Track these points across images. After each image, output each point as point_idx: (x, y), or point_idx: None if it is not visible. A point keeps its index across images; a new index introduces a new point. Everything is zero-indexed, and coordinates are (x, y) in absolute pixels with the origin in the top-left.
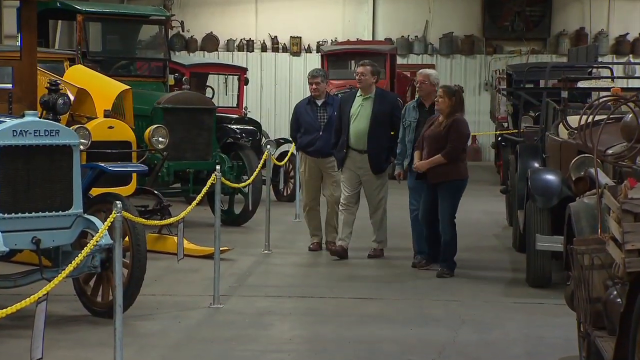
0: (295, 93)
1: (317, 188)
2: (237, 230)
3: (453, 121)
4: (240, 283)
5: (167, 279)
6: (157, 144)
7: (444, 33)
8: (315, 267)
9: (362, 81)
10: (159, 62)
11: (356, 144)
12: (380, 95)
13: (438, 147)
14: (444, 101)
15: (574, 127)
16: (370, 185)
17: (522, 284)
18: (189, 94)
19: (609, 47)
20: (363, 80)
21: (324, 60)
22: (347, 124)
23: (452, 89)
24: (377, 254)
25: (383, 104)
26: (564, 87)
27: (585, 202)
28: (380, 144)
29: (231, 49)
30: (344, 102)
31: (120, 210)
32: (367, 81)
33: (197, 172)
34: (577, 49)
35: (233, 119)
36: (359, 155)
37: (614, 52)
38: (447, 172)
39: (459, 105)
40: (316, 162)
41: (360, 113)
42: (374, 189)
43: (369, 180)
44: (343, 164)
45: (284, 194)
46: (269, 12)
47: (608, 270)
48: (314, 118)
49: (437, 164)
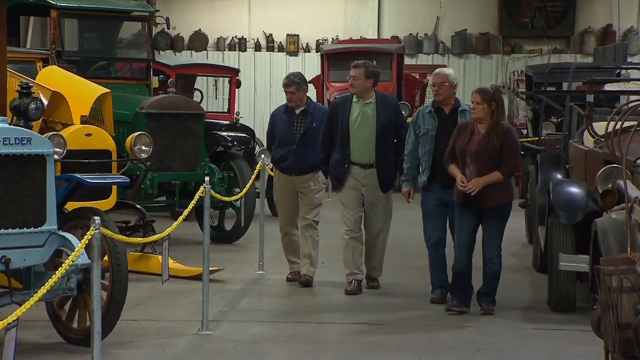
0: None
1: (292, 209)
2: (228, 248)
3: (505, 132)
4: (232, 307)
5: (150, 302)
6: (140, 153)
7: (456, 30)
8: (315, 289)
9: (356, 86)
10: (142, 62)
11: (360, 158)
12: (382, 100)
13: (492, 163)
14: (483, 108)
15: (600, 135)
16: (375, 205)
17: (544, 308)
18: (174, 98)
19: (639, 46)
20: (356, 85)
21: (324, 60)
22: (346, 134)
23: (489, 92)
24: (374, 284)
25: (386, 109)
26: (590, 90)
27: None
28: (388, 156)
29: (221, 48)
30: (337, 109)
31: (99, 227)
32: (361, 85)
33: (183, 184)
34: (603, 48)
35: (224, 125)
36: (363, 170)
37: None
38: (502, 195)
39: (502, 109)
40: (290, 180)
41: (362, 121)
42: (379, 209)
43: (374, 200)
44: (343, 183)
45: None
46: (263, 7)
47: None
48: (289, 128)
49: (494, 182)
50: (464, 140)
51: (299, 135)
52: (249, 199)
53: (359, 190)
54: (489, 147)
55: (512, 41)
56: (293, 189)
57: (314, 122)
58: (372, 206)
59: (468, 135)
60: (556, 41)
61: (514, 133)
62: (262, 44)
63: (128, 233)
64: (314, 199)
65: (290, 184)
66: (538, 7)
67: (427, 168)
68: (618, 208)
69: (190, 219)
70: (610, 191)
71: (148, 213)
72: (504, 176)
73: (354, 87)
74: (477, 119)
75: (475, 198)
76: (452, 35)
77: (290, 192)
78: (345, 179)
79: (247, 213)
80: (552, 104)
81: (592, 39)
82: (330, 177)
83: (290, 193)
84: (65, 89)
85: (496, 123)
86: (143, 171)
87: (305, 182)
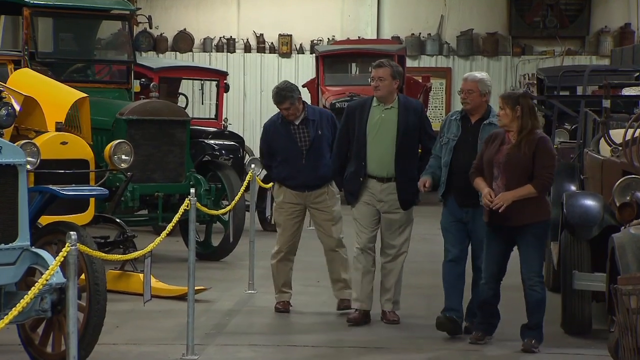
0: None
1: (297, 230)
2: (216, 265)
3: (539, 140)
4: (219, 329)
5: (131, 324)
6: (120, 162)
7: (462, 30)
8: (309, 309)
9: (382, 88)
10: (122, 65)
11: (378, 170)
12: (404, 104)
13: (523, 175)
14: (506, 114)
15: (617, 143)
16: (393, 224)
17: (557, 330)
18: (157, 104)
19: None
20: (382, 87)
21: (319, 62)
22: (363, 143)
23: (513, 96)
24: (393, 318)
25: (409, 115)
26: (606, 94)
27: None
28: (410, 168)
29: (208, 50)
30: (353, 113)
31: (75, 243)
32: (388, 87)
33: (167, 197)
34: (621, 50)
35: (210, 132)
36: (381, 184)
37: None
38: (535, 211)
39: (530, 114)
40: (300, 197)
41: (382, 128)
42: (397, 228)
43: (392, 218)
44: (357, 198)
45: (271, 222)
46: (253, 6)
47: None
48: (292, 142)
49: (526, 196)
50: (493, 151)
51: (305, 148)
52: (238, 212)
53: (374, 207)
54: (519, 157)
55: (522, 42)
56: (303, 208)
57: (320, 129)
58: (390, 225)
59: (497, 145)
60: (570, 42)
61: (549, 141)
62: (252, 44)
63: (107, 249)
64: (333, 213)
65: (301, 201)
66: (550, 5)
67: (443, 183)
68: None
69: (175, 234)
70: (629, 204)
71: (129, 228)
72: (537, 190)
73: (380, 90)
74: (502, 126)
75: (504, 216)
76: (457, 36)
77: (299, 212)
78: (360, 194)
79: (236, 228)
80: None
81: (608, 39)
82: (344, 191)
83: (299, 212)
84: (39, 93)
85: (526, 129)
86: (123, 182)
87: (319, 197)
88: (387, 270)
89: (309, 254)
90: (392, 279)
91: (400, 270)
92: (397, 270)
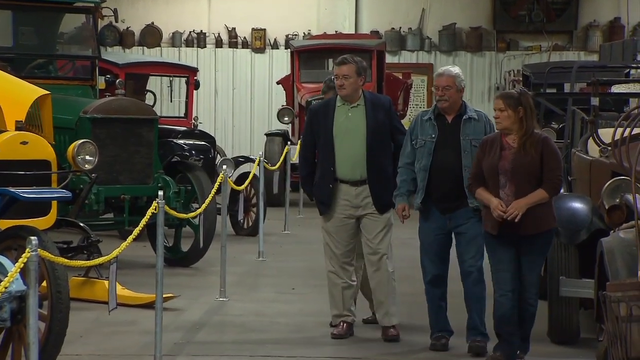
0: (259, 99)
1: None
2: (185, 272)
3: (543, 141)
4: (189, 339)
5: (95, 334)
6: (84, 163)
7: (444, 25)
8: (284, 318)
9: (347, 86)
10: (86, 60)
11: (350, 173)
12: (371, 101)
13: (533, 180)
14: (508, 115)
15: (607, 143)
16: (372, 229)
17: (543, 339)
18: (123, 101)
19: None
20: (347, 86)
21: (295, 58)
22: (330, 146)
23: (514, 96)
24: (393, 334)
25: (378, 112)
26: (595, 92)
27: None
28: (384, 168)
29: (177, 44)
30: (317, 116)
31: (36, 248)
32: (353, 85)
33: (134, 199)
34: (610, 45)
35: (180, 132)
36: (355, 188)
37: None
38: (545, 219)
39: (532, 115)
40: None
41: (350, 129)
42: (377, 233)
43: (370, 223)
44: (330, 205)
45: (244, 226)
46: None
47: None
48: None
49: (539, 201)
50: (494, 157)
51: None
52: (208, 215)
53: (350, 216)
54: (527, 162)
55: (507, 37)
56: None
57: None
58: (370, 229)
59: (497, 150)
60: (557, 37)
61: (553, 142)
62: (223, 39)
63: (70, 255)
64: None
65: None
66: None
67: (422, 188)
68: (627, 226)
69: (142, 238)
70: (618, 207)
71: (93, 232)
72: (549, 194)
73: (345, 89)
74: (502, 129)
75: (514, 225)
76: (439, 30)
77: None
78: (333, 202)
79: (206, 232)
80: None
81: (597, 34)
82: (315, 200)
83: None
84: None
85: (529, 132)
86: (87, 184)
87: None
88: (375, 282)
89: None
90: (383, 289)
91: (390, 279)
92: (386, 279)
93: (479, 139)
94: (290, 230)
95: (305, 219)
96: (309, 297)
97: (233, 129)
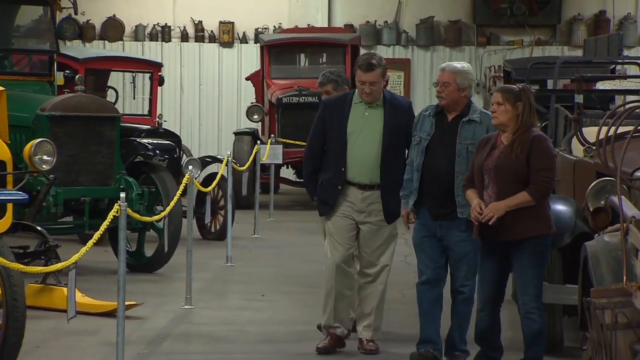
0: (227, 96)
1: None
2: (149, 278)
3: (533, 140)
4: (153, 349)
5: (53, 344)
6: (41, 163)
7: (421, 18)
8: (253, 326)
9: (374, 92)
10: (44, 54)
11: (360, 176)
12: (390, 102)
13: (517, 181)
14: (505, 110)
15: (591, 142)
16: (375, 239)
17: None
18: (83, 98)
19: (637, 37)
20: (375, 92)
21: (265, 53)
22: (343, 144)
23: (514, 91)
24: (371, 347)
25: (397, 114)
26: (579, 89)
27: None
28: (396, 175)
29: (141, 38)
30: (331, 109)
31: None
32: (379, 90)
33: (94, 202)
34: (595, 40)
35: (143, 130)
36: (362, 192)
37: None
38: (533, 224)
39: (531, 113)
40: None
41: (366, 128)
42: (380, 244)
43: (374, 231)
44: (334, 208)
45: (211, 230)
46: None
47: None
48: None
49: (520, 205)
50: (483, 156)
51: None
52: (173, 219)
53: (352, 219)
54: (512, 161)
55: (487, 31)
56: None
57: None
58: (370, 240)
59: (488, 149)
60: (540, 31)
61: (546, 140)
62: (189, 33)
63: (27, 260)
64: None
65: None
66: None
67: (414, 190)
68: (612, 229)
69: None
70: (603, 209)
71: (51, 236)
72: (533, 197)
73: (370, 95)
74: (498, 125)
75: (497, 229)
76: (416, 24)
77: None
78: (338, 204)
79: (171, 236)
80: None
81: (582, 28)
82: (318, 200)
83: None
84: None
85: (520, 129)
86: (45, 186)
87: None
88: (366, 293)
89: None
90: (372, 302)
91: (382, 292)
92: (378, 292)
93: None
94: (260, 234)
95: (275, 223)
96: (279, 304)
97: (200, 128)
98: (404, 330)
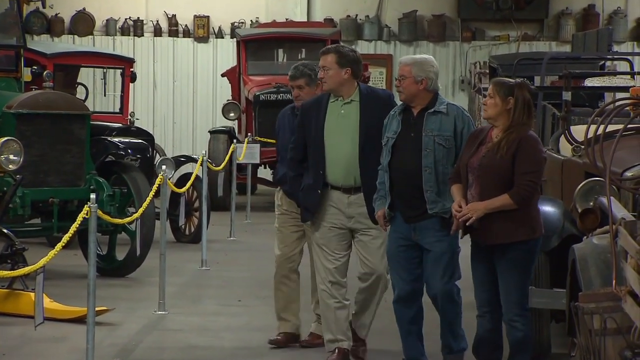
0: (202, 93)
1: None
2: (120, 282)
3: (521, 140)
4: (125, 357)
5: (21, 351)
6: (7, 163)
7: (404, 12)
8: (229, 333)
9: (327, 79)
10: (10, 50)
11: (342, 179)
12: (367, 96)
13: (501, 183)
14: (494, 103)
15: (579, 141)
16: (371, 244)
17: None
18: (52, 95)
19: (627, 32)
20: (328, 78)
21: (241, 48)
22: (320, 146)
23: (507, 84)
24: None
25: (374, 109)
26: (567, 86)
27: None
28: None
29: (112, 33)
30: (308, 112)
31: None
32: (334, 78)
33: (63, 203)
34: (584, 35)
35: (115, 129)
36: (347, 197)
37: (635, 39)
38: (515, 228)
39: (524, 110)
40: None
41: (342, 127)
42: (376, 248)
43: (367, 240)
44: (314, 214)
45: (186, 232)
46: None
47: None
48: None
49: (500, 208)
50: (470, 152)
51: None
52: (146, 220)
53: (342, 227)
54: (496, 161)
55: (472, 25)
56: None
57: None
58: (368, 250)
59: (476, 144)
60: (526, 26)
61: (535, 143)
62: (163, 27)
63: None
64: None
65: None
66: None
67: (388, 192)
68: (601, 231)
69: (72, 246)
70: (592, 210)
71: (18, 239)
72: (514, 201)
73: (325, 83)
74: (486, 118)
75: (479, 232)
76: (399, 18)
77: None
78: (322, 210)
79: (144, 239)
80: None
81: (570, 23)
82: (301, 206)
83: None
84: None
85: (511, 126)
86: (11, 186)
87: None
88: (364, 296)
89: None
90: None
91: (379, 299)
92: (375, 298)
93: (445, 135)
94: (237, 236)
95: (253, 225)
96: (256, 309)
97: (173, 126)
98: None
